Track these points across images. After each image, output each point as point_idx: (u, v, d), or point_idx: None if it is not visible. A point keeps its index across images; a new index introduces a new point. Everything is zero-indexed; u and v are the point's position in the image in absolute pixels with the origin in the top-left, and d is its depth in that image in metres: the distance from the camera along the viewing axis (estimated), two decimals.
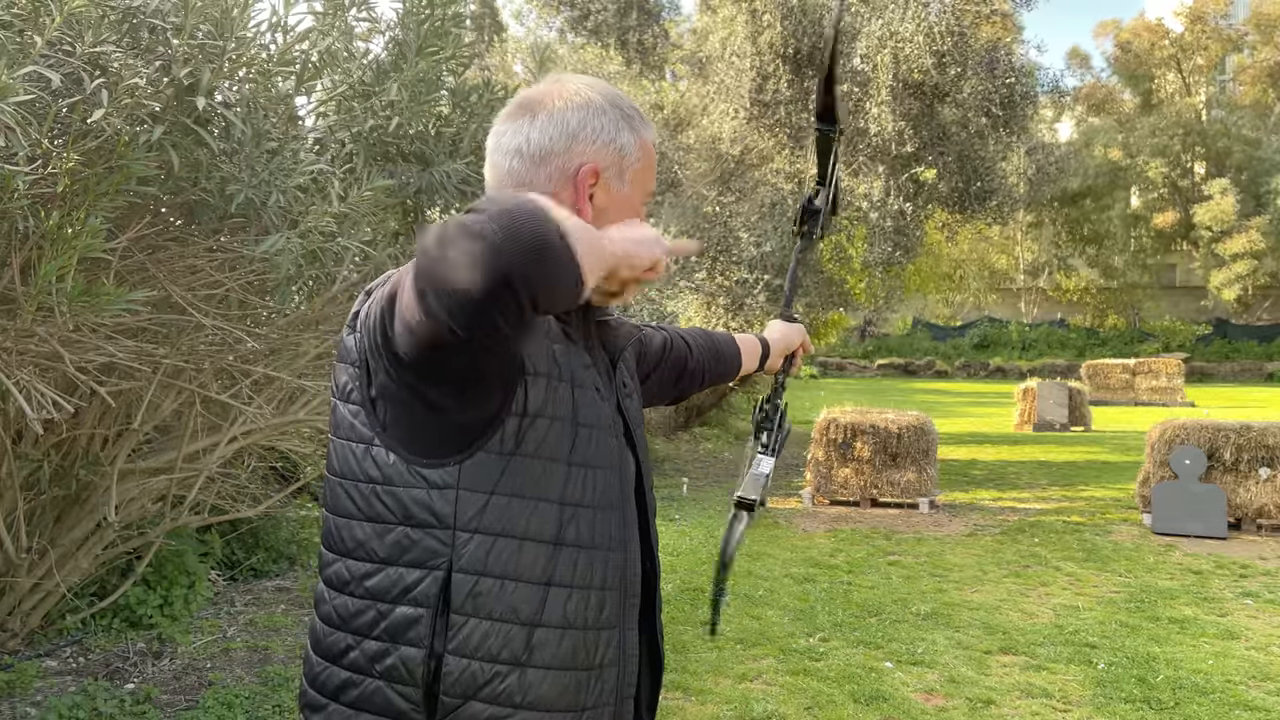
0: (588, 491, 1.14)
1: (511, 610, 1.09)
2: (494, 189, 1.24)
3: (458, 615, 1.08)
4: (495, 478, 1.09)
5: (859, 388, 26.11)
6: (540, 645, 1.10)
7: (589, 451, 1.15)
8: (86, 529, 4.03)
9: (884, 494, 8.74)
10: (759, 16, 10.77)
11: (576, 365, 1.17)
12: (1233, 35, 41.66)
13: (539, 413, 1.10)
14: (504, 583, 1.09)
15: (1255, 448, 7.61)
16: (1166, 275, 41.98)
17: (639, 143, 1.25)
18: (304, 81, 3.09)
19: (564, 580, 1.12)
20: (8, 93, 2.12)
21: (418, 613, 1.08)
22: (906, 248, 11.20)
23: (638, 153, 1.24)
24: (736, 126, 11.44)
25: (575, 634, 1.13)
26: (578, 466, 1.13)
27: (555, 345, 1.14)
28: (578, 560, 1.13)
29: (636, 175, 1.25)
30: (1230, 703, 4.17)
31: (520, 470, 1.09)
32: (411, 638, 1.08)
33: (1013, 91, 11.06)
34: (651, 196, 1.29)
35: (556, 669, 1.11)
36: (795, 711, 3.99)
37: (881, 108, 10.61)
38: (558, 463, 1.12)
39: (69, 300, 2.48)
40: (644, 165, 1.26)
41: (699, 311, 11.87)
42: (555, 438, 1.11)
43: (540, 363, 1.11)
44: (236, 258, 3.27)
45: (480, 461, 1.08)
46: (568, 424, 1.12)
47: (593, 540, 1.15)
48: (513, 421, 1.09)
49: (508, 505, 1.09)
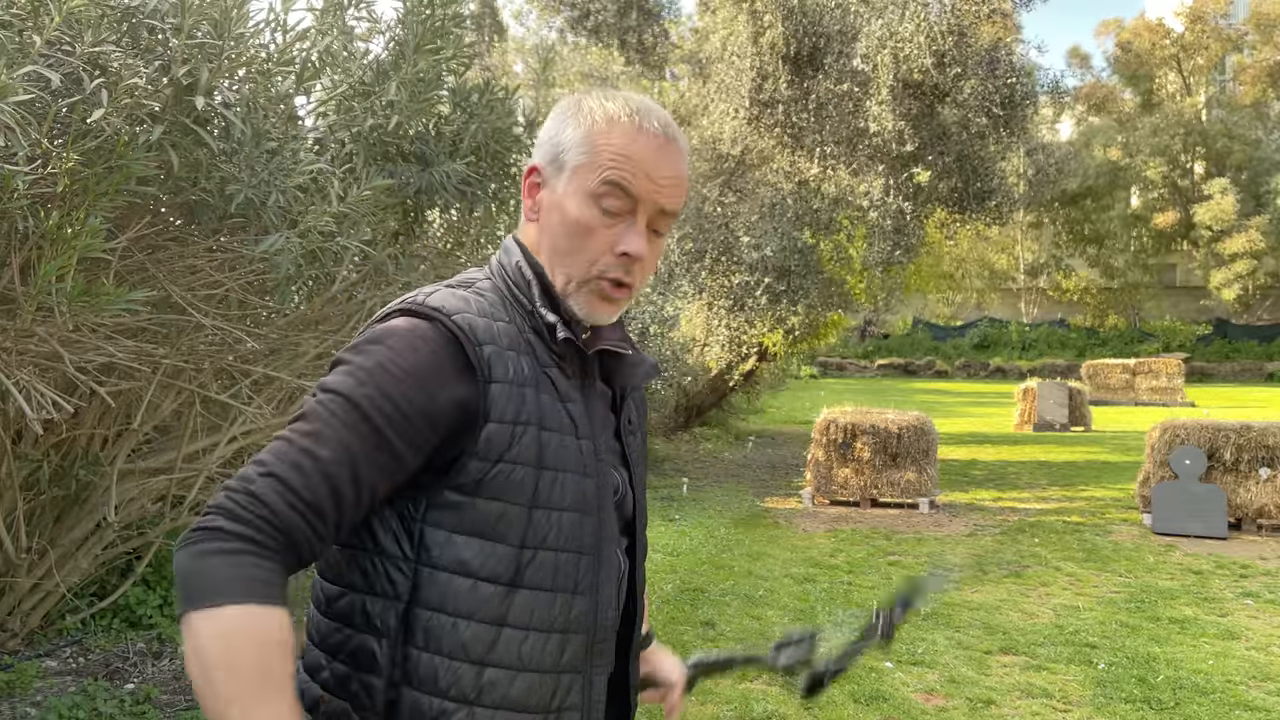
0: (550, 534, 1.11)
1: (461, 648, 1.08)
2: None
3: (413, 649, 1.08)
4: (456, 516, 1.09)
5: (859, 388, 26.12)
6: (490, 685, 1.09)
7: (553, 494, 1.12)
8: (86, 529, 4.03)
9: (884, 494, 8.74)
10: (759, 17, 10.77)
11: (548, 407, 1.13)
12: (1233, 35, 41.65)
13: (499, 457, 1.08)
14: (456, 620, 1.08)
15: (1255, 448, 7.61)
16: (1166, 275, 41.97)
17: (582, 134, 1.15)
18: (304, 81, 3.09)
19: (519, 622, 1.10)
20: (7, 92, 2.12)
21: (379, 642, 1.09)
22: (906, 247, 11.20)
23: (579, 144, 1.15)
24: (737, 126, 11.44)
25: (531, 676, 1.12)
26: (541, 509, 1.11)
27: (526, 389, 1.11)
28: (535, 603, 1.11)
29: (577, 169, 1.15)
30: (1230, 703, 4.17)
31: (480, 511, 1.08)
32: (373, 666, 1.09)
33: (1013, 91, 11.06)
34: (618, 199, 1.14)
35: (508, 710, 1.10)
36: (795, 711, 3.99)
37: (881, 107, 10.61)
38: (519, 506, 1.09)
39: (69, 300, 2.48)
40: (589, 159, 1.15)
41: (700, 312, 11.88)
42: (517, 482, 1.09)
43: (505, 408, 1.09)
44: (236, 258, 3.27)
45: (445, 499, 1.09)
46: (530, 468, 1.10)
47: (554, 583, 1.12)
48: (475, 464, 1.08)
49: (465, 544, 1.08)
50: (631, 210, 1.15)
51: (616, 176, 1.13)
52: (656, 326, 10.00)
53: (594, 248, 1.15)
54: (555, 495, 1.11)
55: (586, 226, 1.15)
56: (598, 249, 1.15)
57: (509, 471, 1.08)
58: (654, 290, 10.62)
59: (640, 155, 1.14)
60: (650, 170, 1.15)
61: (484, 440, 1.07)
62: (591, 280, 1.16)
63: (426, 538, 1.09)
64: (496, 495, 1.08)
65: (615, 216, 1.15)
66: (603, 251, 1.15)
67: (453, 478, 1.08)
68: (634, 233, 1.15)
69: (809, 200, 10.85)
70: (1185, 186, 38.94)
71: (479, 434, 1.07)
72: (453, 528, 1.09)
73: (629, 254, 1.15)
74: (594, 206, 1.14)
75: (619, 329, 1.26)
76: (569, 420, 1.14)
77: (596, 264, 1.16)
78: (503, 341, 1.11)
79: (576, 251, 1.16)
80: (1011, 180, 12.15)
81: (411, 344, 1.08)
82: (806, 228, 10.66)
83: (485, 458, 1.08)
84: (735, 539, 7.43)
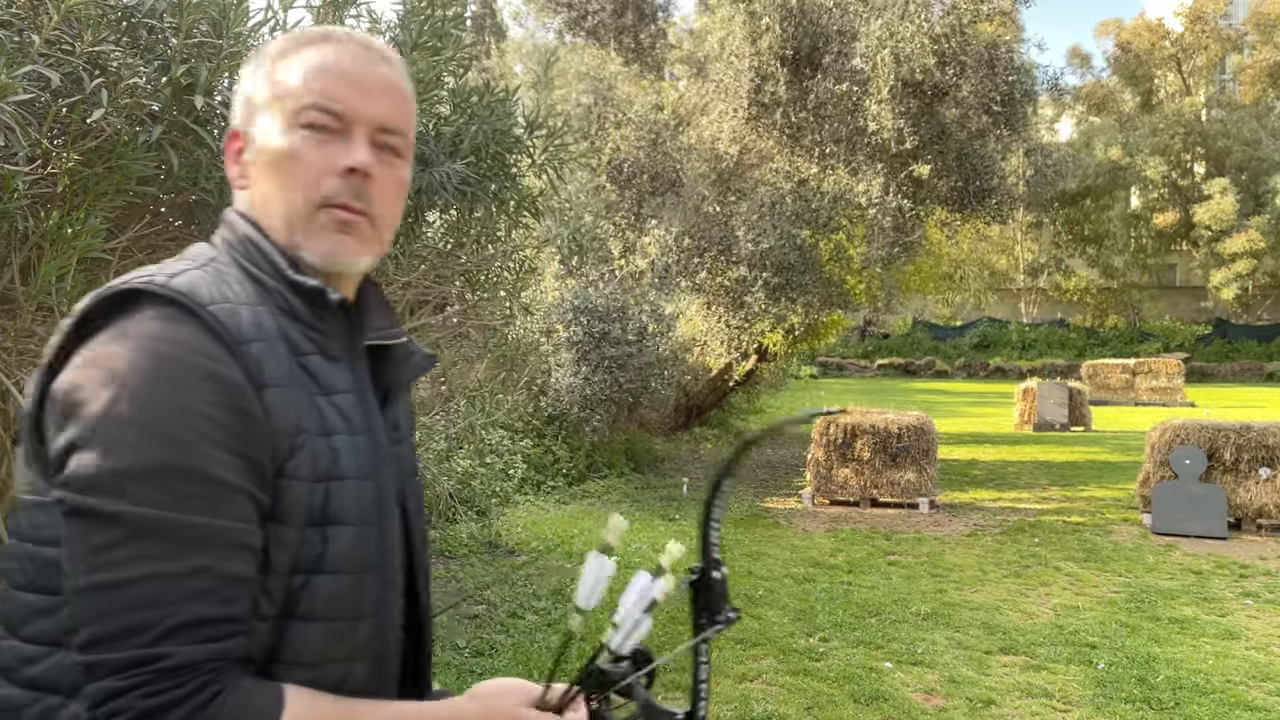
0: (327, 554, 0.91)
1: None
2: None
3: None
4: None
5: (859, 388, 26.12)
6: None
7: (330, 508, 0.91)
8: None
9: (884, 494, 8.74)
10: (757, 18, 10.77)
11: (319, 406, 0.93)
12: (1233, 35, 41.67)
13: (277, 473, 0.89)
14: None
15: (1255, 448, 7.61)
16: (1166, 275, 41.99)
17: (264, 72, 1.00)
18: None
19: (291, 658, 0.90)
20: (7, 92, 2.12)
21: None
22: (906, 246, 11.20)
23: (263, 83, 0.99)
24: (735, 126, 11.44)
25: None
26: (315, 527, 0.90)
27: (297, 389, 0.91)
28: (309, 634, 0.91)
29: (266, 105, 0.98)
30: (1230, 703, 4.17)
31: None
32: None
33: (1013, 90, 11.06)
34: (320, 113, 0.96)
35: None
36: (795, 711, 3.99)
37: (881, 106, 10.61)
38: (292, 527, 0.89)
39: (69, 300, 2.48)
40: (275, 91, 0.98)
41: (699, 311, 11.88)
42: (292, 500, 0.89)
43: (283, 415, 0.89)
44: None
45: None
46: (306, 483, 0.90)
47: (332, 610, 0.92)
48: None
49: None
50: (344, 128, 0.97)
51: (313, 90, 0.96)
52: (656, 325, 9.99)
53: (307, 172, 0.96)
54: (332, 508, 0.91)
55: (291, 153, 0.96)
56: (312, 173, 0.96)
57: (284, 489, 0.88)
58: (653, 288, 10.62)
59: (331, 62, 0.98)
60: (349, 76, 0.98)
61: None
62: (317, 212, 0.97)
63: None
64: (273, 517, 0.88)
65: (326, 133, 0.97)
66: (320, 174, 0.96)
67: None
68: (355, 145, 0.97)
69: (808, 199, 10.85)
70: (1185, 186, 38.95)
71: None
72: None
73: (354, 167, 0.96)
74: (294, 131, 0.96)
75: (386, 313, 1.08)
76: (339, 416, 0.94)
77: (317, 189, 0.96)
78: (269, 333, 0.91)
79: (289, 184, 0.96)
80: (1011, 180, 12.15)
81: (190, 364, 0.84)
82: (806, 226, 10.66)
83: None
84: (735, 539, 7.42)
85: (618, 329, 9.45)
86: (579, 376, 9.25)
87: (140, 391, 0.82)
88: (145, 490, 0.80)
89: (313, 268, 0.98)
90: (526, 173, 3.88)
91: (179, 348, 0.85)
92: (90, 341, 0.87)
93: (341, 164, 0.96)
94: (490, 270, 4.39)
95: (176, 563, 0.80)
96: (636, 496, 9.37)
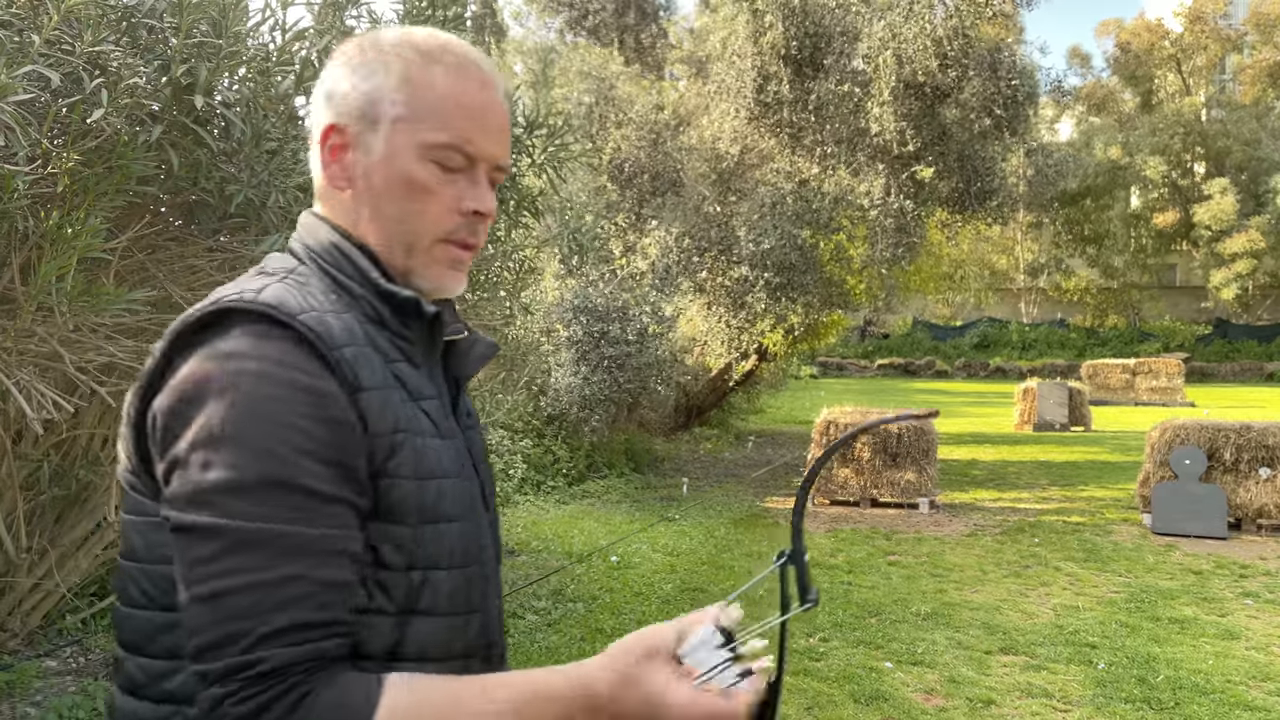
0: (442, 552, 0.95)
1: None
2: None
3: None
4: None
5: (859, 388, 26.12)
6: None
7: (444, 504, 0.95)
8: (86, 529, 4.03)
9: (884, 494, 8.74)
10: (760, 17, 10.77)
11: (410, 411, 0.96)
12: (1232, 35, 41.68)
13: (380, 473, 0.91)
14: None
15: (1255, 448, 7.61)
16: (1166, 275, 42.00)
17: (396, 81, 0.98)
18: (303, 81, 3.09)
19: (416, 653, 0.93)
20: (7, 92, 2.12)
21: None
22: (908, 246, 11.21)
23: (394, 94, 0.98)
24: (737, 126, 11.44)
25: None
26: (430, 524, 0.94)
27: (391, 392, 0.94)
28: (434, 629, 0.94)
29: (398, 122, 0.98)
30: (1230, 703, 4.17)
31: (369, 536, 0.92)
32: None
33: (1015, 92, 11.06)
34: (454, 152, 0.99)
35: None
36: (795, 711, 3.99)
37: (883, 108, 10.61)
38: (405, 526, 0.92)
39: (69, 300, 2.48)
40: (411, 110, 0.97)
41: (700, 311, 11.88)
42: (400, 498, 0.92)
43: (381, 417, 0.91)
44: (236, 258, 3.26)
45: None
46: (412, 481, 0.93)
47: (450, 606, 0.96)
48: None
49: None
50: (472, 164, 1.00)
51: (458, 133, 0.98)
52: (656, 326, 10.00)
53: (436, 207, 0.99)
54: (439, 505, 0.95)
55: (424, 186, 0.98)
56: (441, 209, 0.99)
57: (387, 488, 0.91)
58: (653, 289, 10.62)
59: (471, 101, 0.99)
60: (477, 114, 1.00)
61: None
62: (438, 245, 1.00)
63: None
64: (378, 516, 0.91)
65: (454, 172, 0.99)
66: (448, 211, 0.99)
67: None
68: (481, 188, 1.01)
69: (809, 200, 10.86)
70: (1185, 186, 38.96)
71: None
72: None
73: (480, 211, 1.00)
74: (429, 163, 0.98)
75: (450, 309, 1.09)
76: (428, 421, 0.97)
77: (442, 225, 0.99)
78: (360, 339, 0.93)
79: (417, 215, 0.99)
80: (1012, 181, 12.16)
81: (281, 379, 0.86)
82: (806, 227, 10.67)
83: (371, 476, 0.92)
84: (735, 539, 7.43)
85: (617, 328, 9.45)
86: (579, 376, 9.25)
87: (235, 409, 0.85)
88: (243, 504, 0.83)
89: (417, 289, 1.01)
90: (526, 172, 3.88)
91: (270, 363, 0.87)
92: (184, 362, 0.89)
93: (468, 206, 1.00)
94: (490, 270, 4.39)
95: (272, 572, 0.82)
96: (636, 496, 9.37)
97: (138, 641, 0.93)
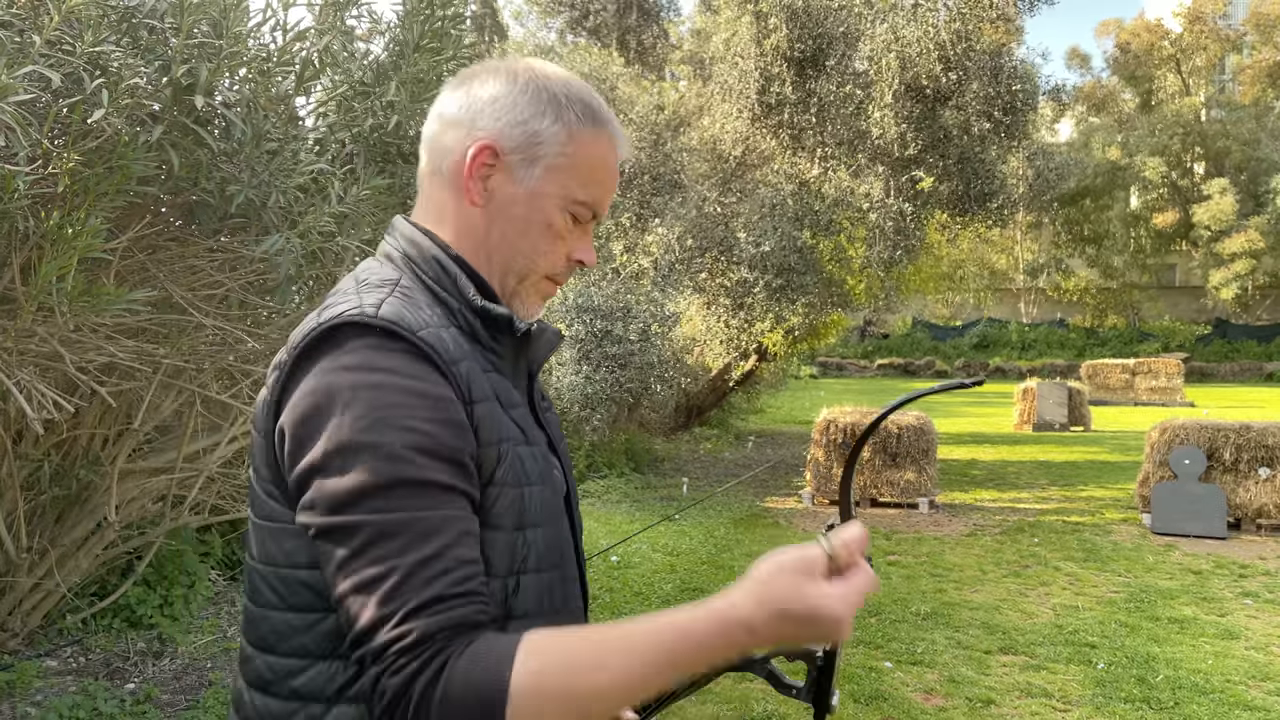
0: (530, 556, 1.02)
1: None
2: (422, 155, 1.15)
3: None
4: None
5: (859, 388, 26.12)
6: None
7: (529, 512, 1.02)
8: (87, 529, 4.03)
9: (884, 494, 8.74)
10: (764, 19, 10.77)
11: (508, 418, 1.03)
12: (1232, 35, 41.68)
13: (489, 480, 0.98)
14: None
15: (1255, 448, 7.61)
16: (1166, 275, 42.01)
17: (566, 134, 1.07)
18: (304, 81, 3.09)
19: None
20: (8, 92, 2.12)
21: (359, 710, 0.95)
22: (907, 248, 11.21)
23: (561, 145, 1.06)
24: (739, 127, 11.44)
25: None
26: (524, 529, 1.02)
27: (494, 404, 1.01)
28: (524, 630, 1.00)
29: (555, 170, 1.07)
30: (1230, 703, 4.17)
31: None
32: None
33: (1015, 97, 11.06)
34: (588, 210, 1.10)
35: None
36: (795, 711, 3.99)
37: (884, 110, 10.61)
38: (504, 530, 0.99)
39: (69, 300, 2.48)
40: (571, 163, 1.07)
41: (700, 311, 11.89)
42: (505, 506, 0.99)
43: (491, 429, 0.99)
44: (237, 258, 3.27)
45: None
46: (514, 488, 1.00)
47: (539, 607, 1.03)
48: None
49: None
50: (590, 219, 1.12)
51: (596, 196, 1.10)
52: (657, 326, 10.00)
53: (556, 251, 1.10)
54: (529, 512, 1.02)
55: (558, 233, 1.09)
56: (560, 253, 1.10)
57: (496, 496, 0.98)
58: (655, 288, 10.62)
59: (611, 171, 1.12)
60: (613, 186, 1.13)
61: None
62: (543, 281, 1.11)
63: None
64: (486, 523, 0.98)
65: (579, 224, 1.11)
66: (563, 257, 1.11)
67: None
68: (588, 240, 1.13)
69: (809, 201, 10.86)
70: (1185, 186, 38.98)
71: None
72: None
73: (584, 263, 1.12)
74: (564, 213, 1.08)
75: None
76: (518, 428, 1.05)
77: (555, 267, 1.11)
78: (467, 353, 1.01)
79: (543, 255, 1.09)
80: (1012, 183, 12.16)
81: (402, 387, 0.93)
82: (806, 228, 10.67)
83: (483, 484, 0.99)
84: (735, 539, 7.43)
85: (620, 327, 9.45)
86: (580, 375, 9.25)
87: (361, 419, 0.91)
88: (377, 502, 0.89)
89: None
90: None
91: (390, 374, 0.93)
92: (306, 375, 0.95)
93: (578, 257, 1.11)
94: None
95: (411, 555, 0.88)
96: (636, 496, 9.37)
97: (269, 641, 0.99)
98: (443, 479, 0.92)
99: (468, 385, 0.98)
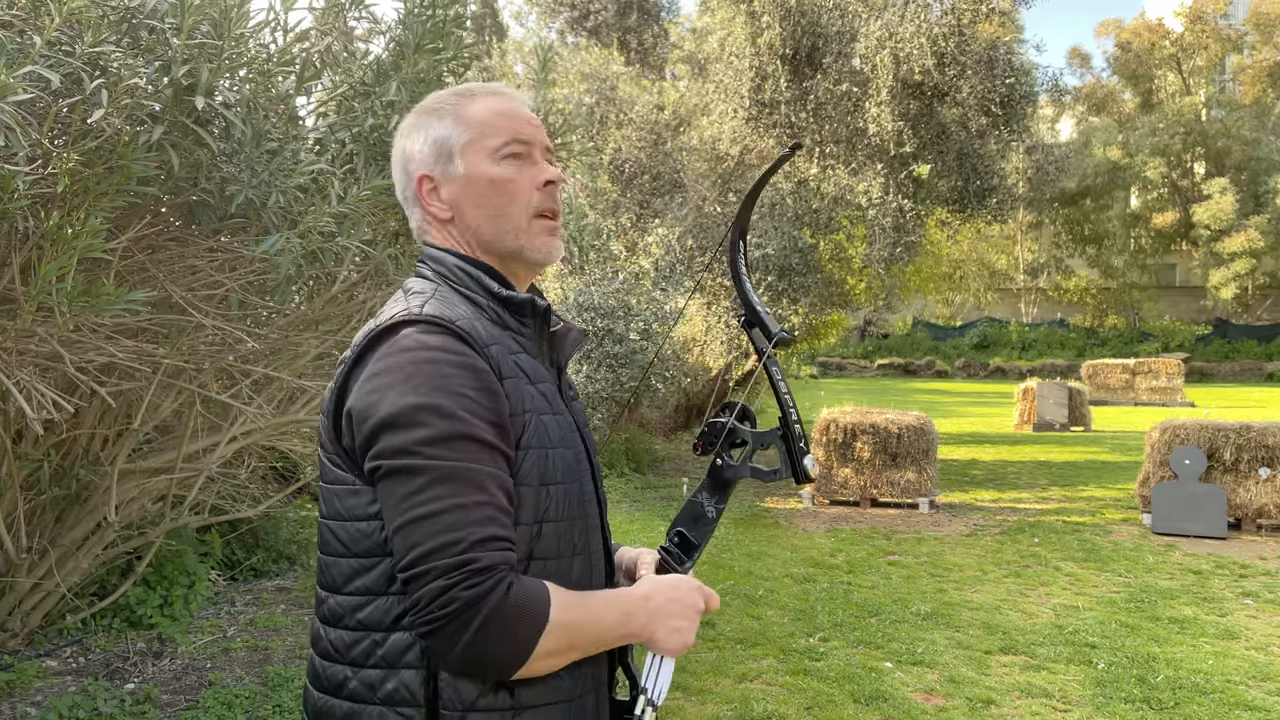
0: (551, 507, 1.21)
1: None
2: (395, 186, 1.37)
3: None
4: None
5: (859, 388, 26.11)
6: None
7: (549, 470, 1.21)
8: (86, 529, 4.03)
9: (884, 494, 8.74)
10: (758, 17, 10.77)
11: (534, 393, 1.23)
12: (1232, 35, 41.66)
13: (519, 444, 1.18)
14: None
15: (1255, 448, 7.61)
16: (1166, 275, 41.99)
17: (452, 120, 1.29)
18: (304, 81, 3.09)
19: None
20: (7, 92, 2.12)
21: (411, 637, 1.14)
22: (907, 245, 11.20)
23: (455, 129, 1.28)
24: (736, 127, 11.44)
25: None
26: (546, 485, 1.21)
27: (519, 381, 1.21)
28: (543, 571, 1.20)
29: (466, 145, 1.28)
30: (1230, 703, 4.17)
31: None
32: (409, 660, 1.15)
33: (1012, 91, 11.05)
34: (518, 144, 1.28)
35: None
36: (795, 711, 3.99)
37: (881, 108, 10.61)
38: (530, 487, 1.18)
39: (69, 300, 2.48)
40: (472, 132, 1.28)
41: (699, 311, 11.88)
42: (531, 464, 1.19)
43: (518, 401, 1.19)
44: (236, 258, 3.27)
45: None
46: (536, 450, 1.20)
47: (558, 550, 1.22)
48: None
49: None
50: (530, 152, 1.29)
51: (510, 130, 1.28)
52: (658, 325, 10.00)
53: (521, 192, 1.28)
54: (550, 470, 1.21)
55: (505, 179, 1.27)
56: (524, 191, 1.28)
57: (523, 456, 1.18)
58: (655, 287, 10.62)
59: (506, 109, 1.30)
60: (521, 117, 1.30)
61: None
62: (534, 221, 1.29)
63: None
64: (516, 480, 1.17)
65: (521, 159, 1.28)
66: (529, 190, 1.28)
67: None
68: (542, 165, 1.30)
69: (808, 200, 10.85)
70: (1185, 186, 38.97)
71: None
72: None
73: (552, 180, 1.29)
74: (500, 163, 1.27)
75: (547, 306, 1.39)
76: (544, 400, 1.24)
77: (530, 203, 1.28)
78: (496, 339, 1.21)
79: (509, 202, 1.27)
80: (1011, 179, 12.15)
81: (451, 361, 1.13)
82: (806, 227, 10.66)
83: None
84: (735, 539, 7.43)
85: (621, 326, 9.45)
86: (581, 374, 9.25)
87: (420, 386, 1.11)
88: (437, 450, 1.09)
89: (528, 265, 1.31)
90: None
91: (439, 350, 1.14)
92: (371, 361, 1.16)
93: (541, 179, 1.29)
94: None
95: (468, 497, 1.09)
96: (636, 496, 9.38)
97: (336, 583, 1.20)
98: (488, 438, 1.12)
99: (498, 365, 1.18)
